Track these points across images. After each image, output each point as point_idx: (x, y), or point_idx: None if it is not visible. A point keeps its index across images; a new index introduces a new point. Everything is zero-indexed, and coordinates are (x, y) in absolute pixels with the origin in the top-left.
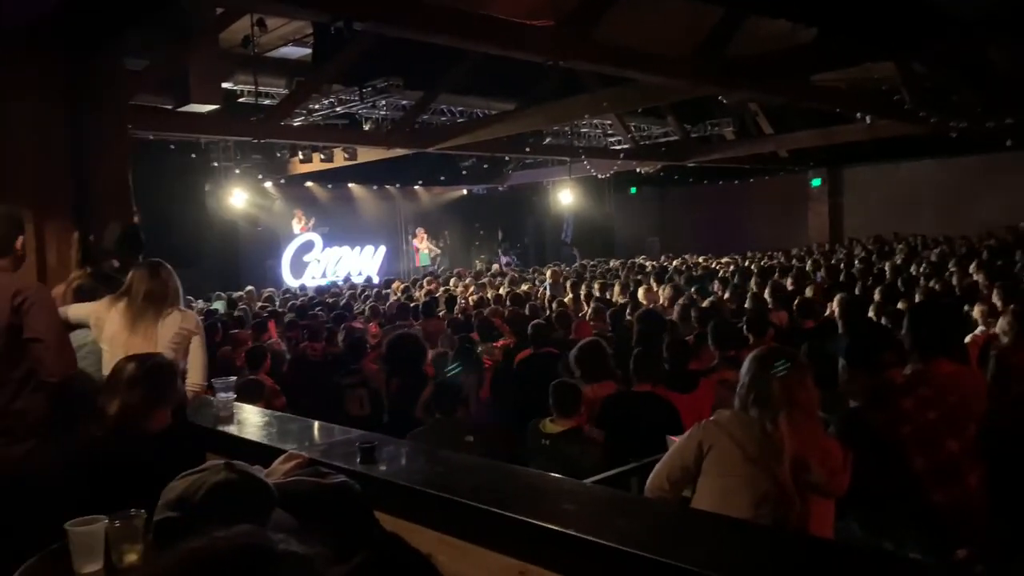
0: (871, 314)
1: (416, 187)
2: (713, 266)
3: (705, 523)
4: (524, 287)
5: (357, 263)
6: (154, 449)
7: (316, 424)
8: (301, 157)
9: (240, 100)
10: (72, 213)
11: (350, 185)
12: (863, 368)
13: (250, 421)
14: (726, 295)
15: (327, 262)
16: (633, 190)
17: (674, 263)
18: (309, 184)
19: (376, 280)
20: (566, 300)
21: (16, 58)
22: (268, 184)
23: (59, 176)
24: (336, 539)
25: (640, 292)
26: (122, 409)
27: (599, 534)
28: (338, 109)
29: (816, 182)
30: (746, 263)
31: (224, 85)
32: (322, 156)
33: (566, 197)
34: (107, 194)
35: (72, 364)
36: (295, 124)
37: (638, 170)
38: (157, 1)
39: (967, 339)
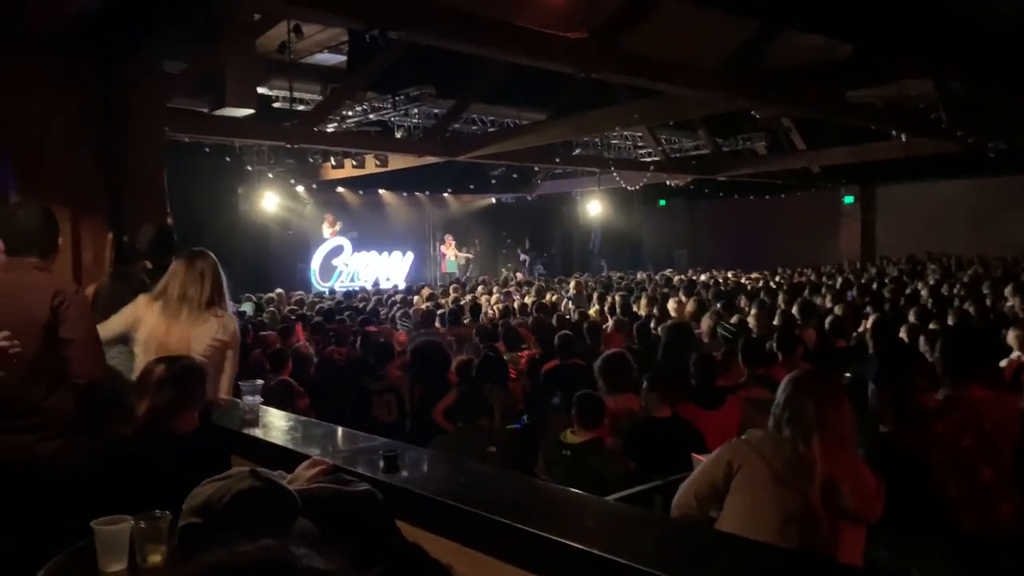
0: (903, 335)
1: (445, 194)
2: (742, 281)
3: (728, 544)
4: (551, 297)
5: (385, 268)
6: (181, 451)
7: (340, 430)
8: (333, 163)
9: (275, 105)
10: (107, 214)
11: (380, 191)
12: (893, 391)
13: (275, 425)
14: (752, 311)
15: (355, 267)
16: (662, 202)
17: (702, 277)
18: (340, 189)
19: (401, 286)
20: (591, 312)
21: (53, 61)
22: (300, 188)
23: (95, 177)
24: (358, 548)
25: (669, 305)
26: (151, 410)
27: (621, 553)
28: (371, 116)
29: (848, 199)
30: (776, 278)
31: (259, 90)
32: (354, 162)
33: (594, 208)
34: (142, 196)
35: (100, 367)
36: (328, 130)
37: (668, 183)
38: (188, 6)
39: (1001, 364)
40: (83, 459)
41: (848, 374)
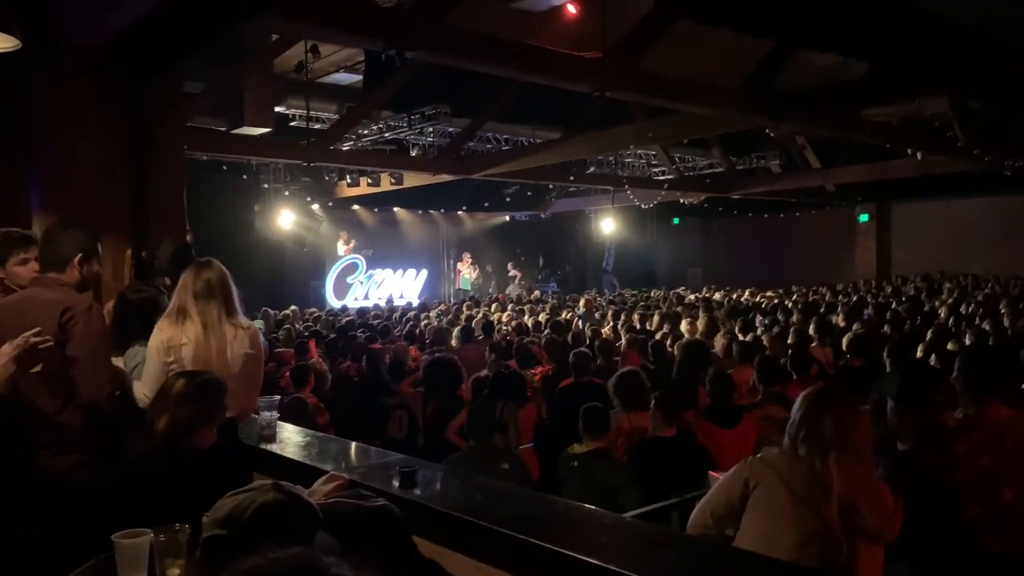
0: (920, 353)
1: (460, 212)
2: (757, 299)
3: (745, 562)
4: (566, 314)
5: (399, 286)
6: (201, 466)
7: (355, 446)
8: (349, 181)
9: (292, 124)
10: (129, 231)
11: (395, 209)
12: (913, 409)
13: (292, 440)
14: (760, 331)
15: (369, 284)
16: (676, 220)
17: (716, 295)
18: (356, 207)
19: (415, 303)
20: (604, 330)
21: (84, 81)
22: (316, 206)
23: (119, 195)
24: (376, 562)
25: (683, 325)
26: (170, 425)
27: (638, 569)
28: (386, 135)
29: (864, 217)
30: (792, 297)
31: (277, 109)
32: (369, 180)
33: (608, 226)
34: (163, 213)
35: (102, 390)
36: (344, 148)
37: (682, 201)
38: (219, 28)
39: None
40: (102, 474)
41: (870, 394)
